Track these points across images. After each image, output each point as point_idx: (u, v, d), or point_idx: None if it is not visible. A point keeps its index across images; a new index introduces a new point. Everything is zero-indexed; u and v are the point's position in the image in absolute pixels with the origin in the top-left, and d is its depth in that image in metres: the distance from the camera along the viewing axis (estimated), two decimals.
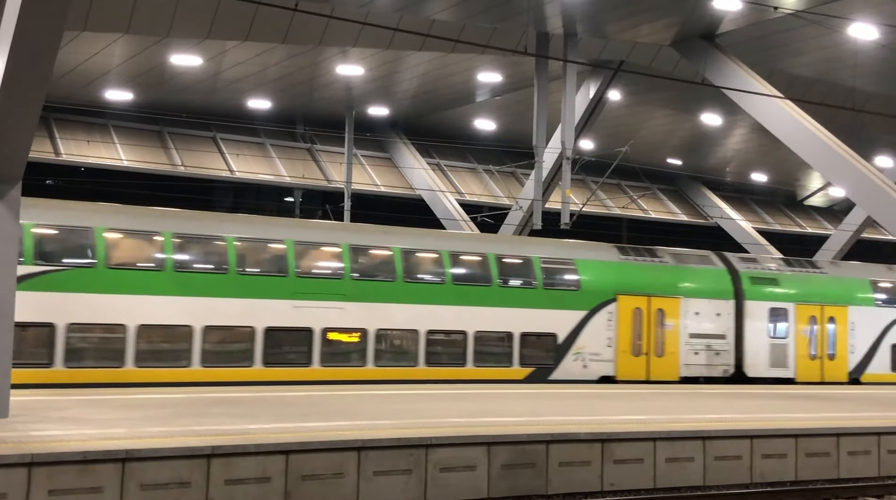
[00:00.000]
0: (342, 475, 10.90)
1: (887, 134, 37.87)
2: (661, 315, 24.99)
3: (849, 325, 27.73)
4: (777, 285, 27.03)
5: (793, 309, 26.87)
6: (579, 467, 12.34)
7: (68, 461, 9.54)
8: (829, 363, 27.38)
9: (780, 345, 26.67)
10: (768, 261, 28.18)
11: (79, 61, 29.67)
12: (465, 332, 22.62)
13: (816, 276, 28.09)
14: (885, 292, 29.24)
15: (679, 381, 24.83)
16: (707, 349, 25.54)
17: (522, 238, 26.54)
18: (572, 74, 28.53)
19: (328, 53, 29.95)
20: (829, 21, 24.14)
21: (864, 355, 28.01)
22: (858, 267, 30.09)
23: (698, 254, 26.87)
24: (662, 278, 25.48)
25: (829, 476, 14.10)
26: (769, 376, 26.36)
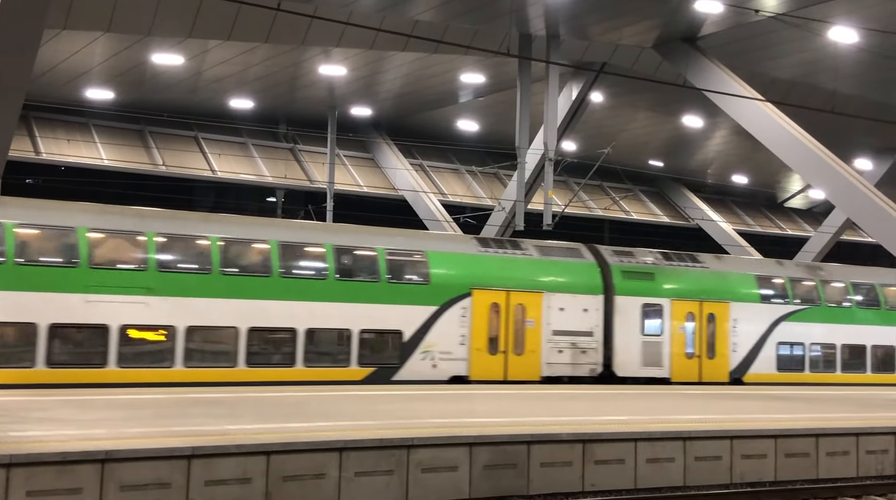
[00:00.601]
0: (324, 475, 10.88)
1: (866, 137, 38.19)
2: (521, 311, 23.59)
3: (730, 322, 26.66)
4: (652, 280, 25.84)
5: (668, 305, 25.65)
6: (560, 467, 12.37)
7: (47, 462, 9.48)
8: (709, 362, 26.25)
9: (654, 343, 25.42)
10: (645, 254, 26.71)
11: (59, 60, 29.48)
12: (293, 329, 20.99)
13: (696, 270, 26.89)
14: (772, 287, 28.23)
15: (540, 381, 23.56)
16: (572, 347, 24.21)
17: (369, 228, 24.14)
18: (555, 76, 28.60)
19: (311, 53, 29.90)
20: (809, 24, 24.32)
21: (747, 353, 26.99)
22: (744, 261, 29.28)
23: (566, 247, 25.61)
24: (524, 271, 24.06)
25: (809, 477, 14.20)
26: (642, 376, 25.21)
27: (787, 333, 27.87)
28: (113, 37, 27.33)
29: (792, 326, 27.96)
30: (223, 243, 20.87)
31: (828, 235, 40.16)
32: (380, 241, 22.72)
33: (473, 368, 22.78)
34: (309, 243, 21.82)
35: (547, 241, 26.11)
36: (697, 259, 27.42)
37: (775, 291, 28.28)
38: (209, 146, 37.67)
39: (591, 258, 25.28)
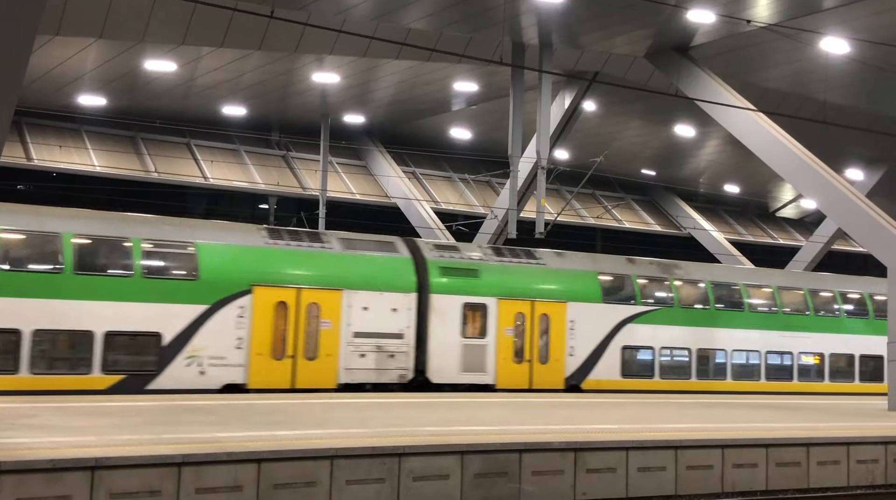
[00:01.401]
0: (315, 483, 10.85)
1: (857, 147, 38.34)
2: (314, 311, 21.25)
3: (567, 323, 24.54)
4: (476, 277, 23.63)
5: (494, 305, 23.46)
6: (552, 476, 12.36)
7: (37, 469, 9.43)
8: (542, 368, 24.07)
9: (477, 346, 23.21)
10: (472, 250, 24.79)
11: (52, 66, 29.43)
12: (18, 331, 18.44)
13: (529, 267, 24.73)
14: (617, 286, 26.18)
15: (337, 388, 21.31)
16: (378, 351, 21.93)
17: (121, 215, 21.17)
18: (547, 85, 28.66)
19: (304, 61, 29.91)
20: (800, 35, 24.42)
21: (586, 358, 24.84)
22: (588, 258, 26.91)
23: (376, 240, 23.36)
24: (320, 266, 21.76)
25: (799, 486, 14.21)
26: (461, 382, 22.93)
27: (634, 336, 25.71)
28: (105, 43, 27.29)
29: (640, 328, 25.78)
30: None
31: (819, 244, 40.29)
32: (136, 229, 20.23)
33: (253, 375, 20.45)
34: (41, 232, 19.22)
35: (354, 233, 23.68)
36: (534, 256, 25.26)
37: (621, 290, 26.11)
38: (202, 153, 37.63)
39: (405, 253, 23.10)
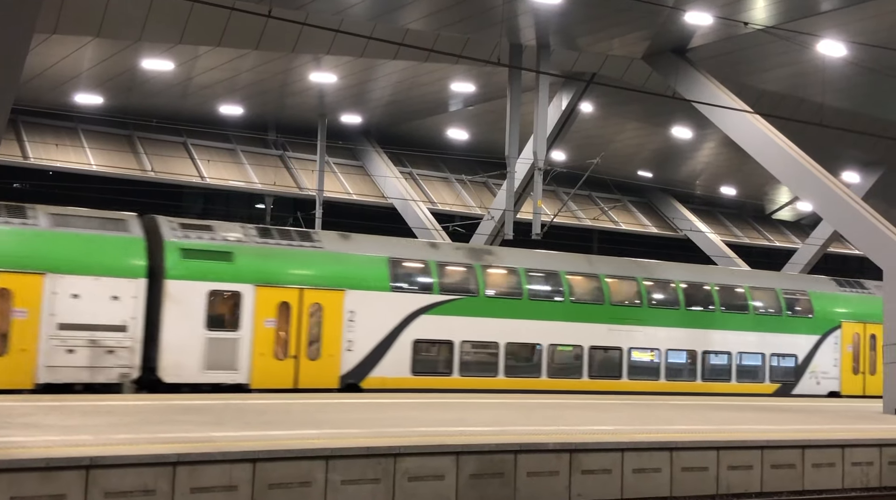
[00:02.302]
0: (309, 483, 10.84)
1: (854, 150, 38.38)
2: (2, 298, 18.54)
3: (346, 314, 21.84)
4: (229, 261, 20.83)
5: (251, 293, 20.73)
6: (547, 477, 12.36)
7: (31, 468, 9.41)
8: (311, 365, 21.39)
9: (226, 341, 20.42)
10: (230, 230, 21.73)
11: (48, 64, 29.39)
12: None
13: (299, 251, 22.05)
14: (409, 273, 23.47)
15: (35, 389, 18.43)
16: (92, 346, 19.08)
17: None
18: (545, 86, 28.67)
19: (301, 60, 29.89)
20: (798, 38, 24.44)
21: (369, 353, 22.15)
22: (378, 242, 24.01)
23: (101, 217, 20.48)
24: (17, 244, 18.96)
25: (794, 488, 14.23)
26: (205, 382, 20.18)
27: (430, 328, 23.06)
28: (103, 42, 27.26)
29: (436, 320, 23.13)
30: None
31: (815, 247, 40.33)
32: None
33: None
34: None
35: (73, 208, 20.99)
36: (309, 238, 22.67)
37: (414, 277, 23.50)
38: (198, 152, 37.59)
39: (136, 233, 20.19)
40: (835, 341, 29.40)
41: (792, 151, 24.98)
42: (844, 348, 29.57)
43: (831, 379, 29.25)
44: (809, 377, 28.83)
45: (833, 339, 29.38)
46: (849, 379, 29.62)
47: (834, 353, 29.35)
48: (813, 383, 28.89)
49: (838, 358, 29.41)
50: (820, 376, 29.03)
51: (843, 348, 29.54)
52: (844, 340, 29.61)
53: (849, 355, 29.66)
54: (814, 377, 28.90)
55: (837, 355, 29.41)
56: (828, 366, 29.22)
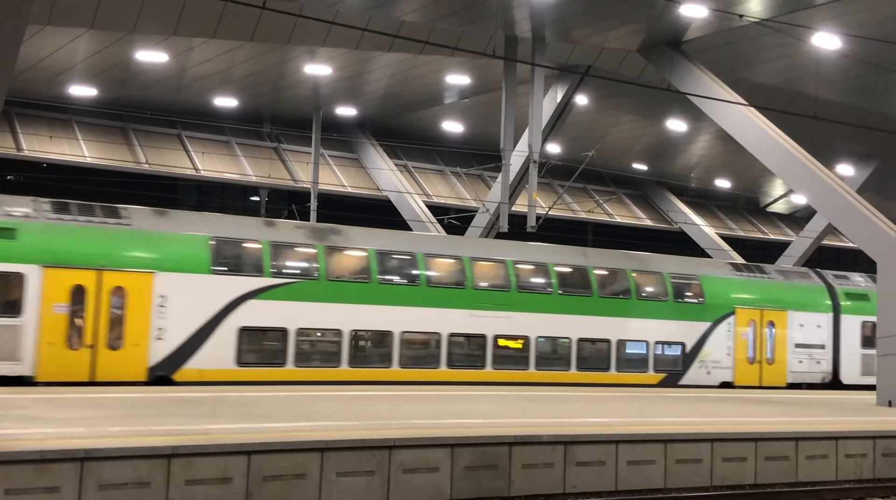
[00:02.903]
0: (304, 475, 10.84)
1: (848, 143, 38.43)
2: None
3: (155, 299, 19.87)
4: (10, 239, 18.95)
5: (37, 274, 18.79)
6: (542, 469, 12.38)
7: (25, 460, 9.40)
8: (111, 355, 19.41)
9: (5, 328, 18.61)
10: (16, 204, 19.69)
11: (42, 56, 29.29)
12: None
13: (100, 229, 19.99)
14: (235, 254, 21.59)
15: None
16: None
17: None
18: (540, 78, 28.65)
19: (296, 52, 29.83)
20: (793, 30, 24.45)
21: (184, 342, 20.25)
22: (199, 219, 22.21)
23: None
24: None
25: (788, 480, 14.27)
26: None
27: (259, 315, 21.21)
28: (97, 33, 27.17)
29: (267, 305, 21.28)
30: None
31: (809, 239, 40.41)
32: None
33: None
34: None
35: None
36: (118, 214, 20.54)
37: (242, 258, 21.63)
38: (193, 145, 37.51)
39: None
40: (728, 328, 27.65)
41: (786, 143, 25.00)
42: (739, 335, 27.83)
43: (724, 369, 27.52)
44: (699, 367, 27.11)
45: (726, 326, 27.63)
46: (743, 369, 27.90)
47: (727, 341, 27.61)
48: (703, 373, 27.16)
49: (731, 346, 27.69)
50: (710, 365, 27.29)
51: (738, 336, 27.80)
52: (739, 327, 27.91)
53: (743, 343, 27.93)
54: (704, 367, 27.18)
55: (731, 344, 27.67)
56: (720, 355, 27.49)
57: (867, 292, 30.37)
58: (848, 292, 30.52)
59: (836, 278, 30.92)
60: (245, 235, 21.94)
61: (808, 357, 29.19)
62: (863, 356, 30.10)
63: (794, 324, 28.87)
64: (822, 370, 29.52)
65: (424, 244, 24.77)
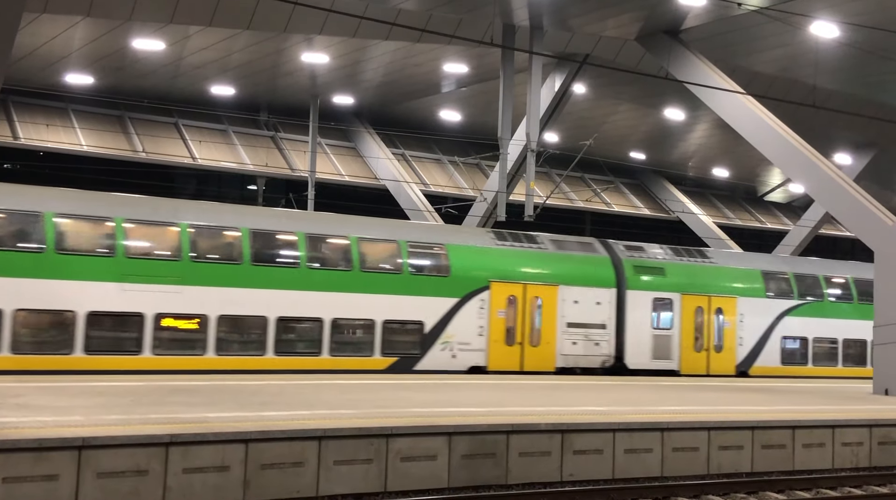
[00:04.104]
0: (302, 463, 10.87)
1: (846, 131, 38.42)
2: None
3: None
4: None
5: None
6: (539, 457, 12.41)
7: (23, 449, 9.41)
8: None
9: None
10: None
11: (38, 44, 29.20)
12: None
13: None
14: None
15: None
16: None
17: None
18: (538, 67, 28.60)
19: (293, 41, 29.74)
20: (791, 19, 24.40)
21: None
22: None
23: None
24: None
25: (785, 468, 14.32)
26: None
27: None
28: (93, 21, 27.08)
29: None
30: None
31: (807, 228, 40.46)
32: None
33: None
34: None
35: None
36: None
37: (23, 233, 19.57)
38: (190, 133, 37.44)
39: None
40: (480, 305, 24.04)
41: (784, 132, 24.99)
42: (494, 314, 24.26)
43: (474, 351, 23.88)
44: (442, 349, 23.45)
45: (478, 303, 24.03)
46: (500, 352, 24.29)
47: (479, 320, 23.99)
48: (447, 357, 23.48)
49: (485, 326, 24.07)
50: (457, 347, 23.64)
51: (493, 315, 24.22)
52: (495, 304, 24.33)
53: (500, 322, 24.36)
54: (448, 349, 23.53)
55: (484, 323, 24.05)
56: (469, 336, 23.89)
57: (662, 266, 27.46)
58: (638, 265, 26.99)
59: (627, 250, 27.46)
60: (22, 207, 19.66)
61: (585, 338, 25.51)
62: (654, 338, 26.76)
63: (565, 300, 25.28)
64: (603, 353, 25.81)
65: (167, 211, 21.40)
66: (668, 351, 26.92)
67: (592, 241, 27.58)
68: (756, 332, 28.78)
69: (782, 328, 29.30)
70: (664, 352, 26.84)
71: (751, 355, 28.62)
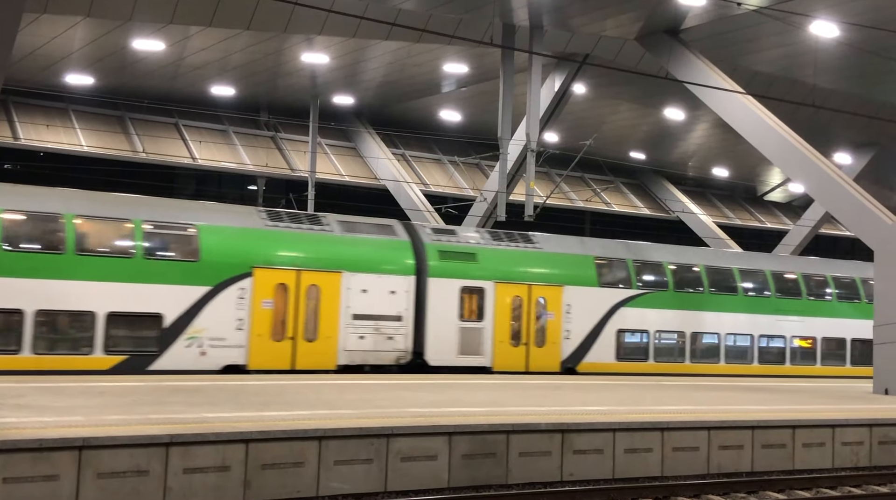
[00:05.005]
0: (302, 463, 10.87)
1: (846, 131, 38.44)
2: None
3: None
4: None
5: None
6: (539, 457, 12.41)
7: (24, 449, 9.42)
8: None
9: None
10: None
11: (39, 44, 29.20)
12: None
13: None
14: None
15: None
16: None
17: None
18: (538, 67, 28.60)
19: (293, 41, 29.75)
20: (790, 18, 24.41)
21: None
22: None
23: None
24: None
25: (785, 468, 14.32)
26: None
27: None
28: (93, 22, 27.09)
29: None
30: None
31: (806, 228, 40.47)
32: None
33: None
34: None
35: None
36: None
37: None
38: (190, 133, 37.45)
39: None
40: (240, 295, 21.15)
41: (784, 132, 25.00)
42: (258, 304, 21.36)
43: (231, 348, 21.02)
44: (187, 346, 20.56)
45: (236, 292, 21.13)
46: (263, 348, 21.38)
47: (237, 311, 21.11)
48: (193, 354, 20.65)
49: (246, 319, 21.17)
50: (207, 343, 20.77)
51: (256, 305, 21.32)
52: (259, 293, 21.40)
53: (266, 314, 21.41)
54: (196, 345, 20.68)
55: (245, 315, 21.15)
56: (225, 330, 20.98)
57: (474, 251, 24.67)
58: (444, 251, 24.22)
59: (435, 234, 24.82)
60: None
61: (375, 332, 22.75)
62: (462, 331, 24.01)
63: (351, 289, 22.47)
64: (397, 349, 22.98)
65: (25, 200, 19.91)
66: (478, 346, 24.03)
67: (394, 223, 24.47)
68: (586, 324, 25.82)
69: (618, 321, 26.40)
70: (473, 347, 24.03)
71: (580, 349, 25.62)
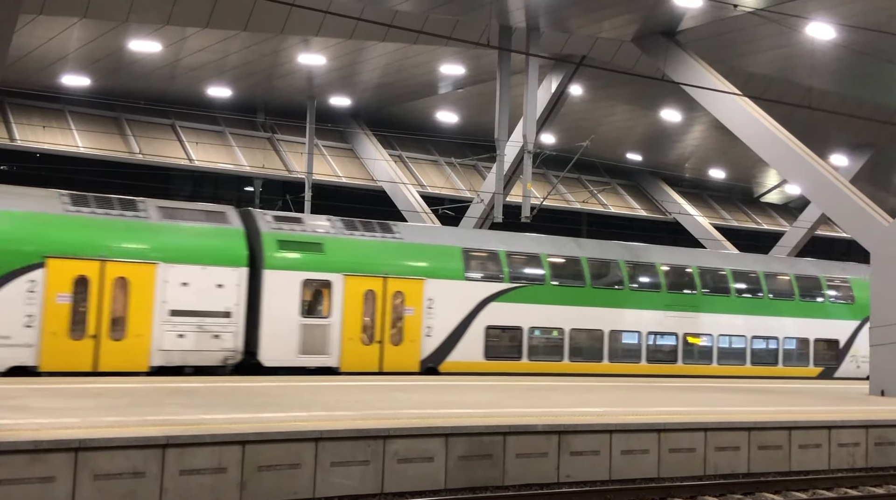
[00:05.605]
0: (299, 465, 10.86)
1: (842, 133, 38.48)
2: None
3: None
4: None
5: None
6: (536, 458, 12.42)
7: (19, 450, 9.40)
8: None
9: None
10: None
11: (35, 45, 29.16)
12: None
13: None
14: None
15: None
16: None
17: None
18: (534, 68, 28.61)
19: (290, 42, 29.74)
20: (787, 20, 24.44)
21: None
22: None
23: None
24: None
25: (781, 469, 14.33)
26: None
27: None
28: (90, 22, 27.05)
29: None
30: None
31: (803, 230, 40.51)
32: None
33: None
34: None
35: None
36: None
37: None
38: (186, 135, 37.42)
39: None
40: (29, 288, 19.22)
41: (780, 133, 25.03)
42: (52, 298, 19.38)
43: (18, 347, 19.06)
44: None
45: (25, 285, 19.23)
46: (58, 347, 19.33)
47: (27, 307, 19.15)
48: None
49: (36, 315, 19.18)
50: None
51: (49, 300, 19.34)
52: (52, 286, 19.43)
53: (60, 309, 19.44)
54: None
55: (35, 310, 19.17)
56: (11, 327, 19.04)
57: (320, 241, 22.93)
58: (284, 240, 22.48)
59: (276, 222, 22.91)
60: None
61: (198, 330, 20.92)
62: (304, 328, 22.23)
63: (168, 282, 20.57)
64: (225, 348, 21.10)
65: None
66: (322, 345, 22.21)
67: (226, 210, 22.79)
68: (450, 321, 24.06)
69: (488, 317, 24.67)
70: (317, 346, 22.23)
71: (442, 348, 23.85)
